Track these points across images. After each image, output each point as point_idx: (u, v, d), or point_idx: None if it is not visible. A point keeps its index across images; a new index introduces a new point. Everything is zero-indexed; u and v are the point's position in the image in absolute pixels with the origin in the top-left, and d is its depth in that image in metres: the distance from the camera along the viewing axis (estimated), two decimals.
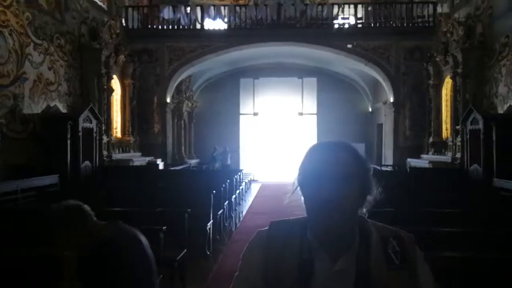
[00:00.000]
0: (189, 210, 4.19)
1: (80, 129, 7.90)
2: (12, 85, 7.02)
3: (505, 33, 8.24)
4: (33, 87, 7.62)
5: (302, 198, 1.04)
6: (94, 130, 8.54)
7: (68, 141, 7.67)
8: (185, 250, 3.90)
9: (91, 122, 8.43)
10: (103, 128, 9.40)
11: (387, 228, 1.08)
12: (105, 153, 9.51)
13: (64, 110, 8.63)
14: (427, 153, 11.06)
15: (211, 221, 5.01)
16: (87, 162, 8.23)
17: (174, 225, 3.87)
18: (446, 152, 10.14)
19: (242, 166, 14.13)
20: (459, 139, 9.23)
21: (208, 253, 4.88)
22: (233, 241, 5.90)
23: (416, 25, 12.25)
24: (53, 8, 8.35)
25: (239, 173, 9.47)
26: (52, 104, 8.22)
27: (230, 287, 1.06)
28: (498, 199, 6.01)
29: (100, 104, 9.49)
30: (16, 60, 7.14)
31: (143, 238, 1.72)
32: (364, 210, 1.05)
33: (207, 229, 4.87)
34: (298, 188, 1.05)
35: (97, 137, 8.70)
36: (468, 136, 8.36)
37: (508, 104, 8.01)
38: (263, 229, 1.11)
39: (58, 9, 8.53)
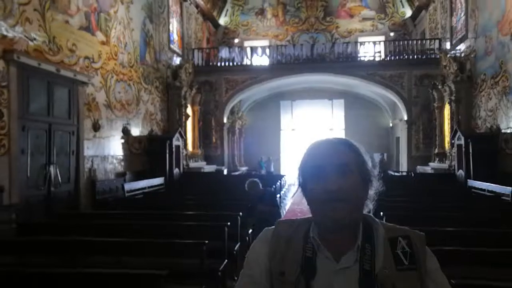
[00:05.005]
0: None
1: (173, 146, 11.39)
2: (134, 118, 10.60)
3: (483, 72, 10.98)
4: (144, 118, 11.20)
5: (304, 199, 1.07)
6: (181, 146, 12.02)
7: (167, 155, 11.15)
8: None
9: (178, 141, 11.91)
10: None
11: (397, 228, 1.08)
12: (184, 162, 12.95)
13: (159, 132, 12.17)
14: (434, 162, 13.74)
15: None
16: (176, 169, 11.70)
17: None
18: (446, 161, 12.82)
19: (282, 172, 17.27)
20: (453, 150, 11.94)
21: None
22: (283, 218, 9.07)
23: (425, 57, 14.98)
24: (153, 61, 11.95)
25: (283, 177, 12.64)
26: (153, 128, 11.78)
27: (237, 283, 1.09)
28: (466, 193, 8.86)
29: (180, 126, 12.98)
30: (136, 101, 10.73)
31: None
32: (370, 205, 1.07)
33: None
34: (300, 189, 1.09)
35: (182, 151, 12.18)
36: (456, 149, 11.12)
37: (485, 125, 10.73)
38: (270, 228, 1.14)
39: (156, 61, 12.14)
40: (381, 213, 4.53)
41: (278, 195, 9.19)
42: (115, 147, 9.53)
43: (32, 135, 6.70)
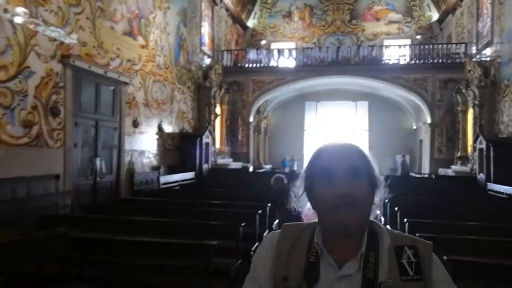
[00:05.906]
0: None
1: (203, 143, 12.10)
2: (168, 116, 11.37)
3: (507, 77, 11.15)
4: (176, 116, 11.96)
5: (309, 203, 1.07)
6: (210, 143, 12.72)
7: (197, 151, 11.87)
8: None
9: (208, 138, 12.62)
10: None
11: (404, 237, 1.06)
12: (212, 159, 13.66)
13: (190, 130, 12.91)
14: (456, 165, 13.91)
15: None
16: (205, 165, 12.41)
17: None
18: (468, 164, 13.00)
19: None
20: (475, 154, 12.14)
21: None
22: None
23: (450, 61, 15.12)
24: (186, 63, 12.70)
25: None
26: (184, 126, 12.53)
27: (243, 286, 1.09)
28: (482, 194, 9.17)
29: (209, 125, 13.68)
30: (170, 100, 11.49)
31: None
32: (377, 211, 1.06)
33: None
34: (305, 193, 1.07)
35: (211, 148, 12.88)
36: (477, 153, 11.34)
37: (507, 130, 10.92)
38: (276, 231, 1.14)
39: (188, 63, 12.88)
40: (395, 208, 5.01)
41: None
42: (150, 142, 10.30)
43: (82, 130, 7.51)
